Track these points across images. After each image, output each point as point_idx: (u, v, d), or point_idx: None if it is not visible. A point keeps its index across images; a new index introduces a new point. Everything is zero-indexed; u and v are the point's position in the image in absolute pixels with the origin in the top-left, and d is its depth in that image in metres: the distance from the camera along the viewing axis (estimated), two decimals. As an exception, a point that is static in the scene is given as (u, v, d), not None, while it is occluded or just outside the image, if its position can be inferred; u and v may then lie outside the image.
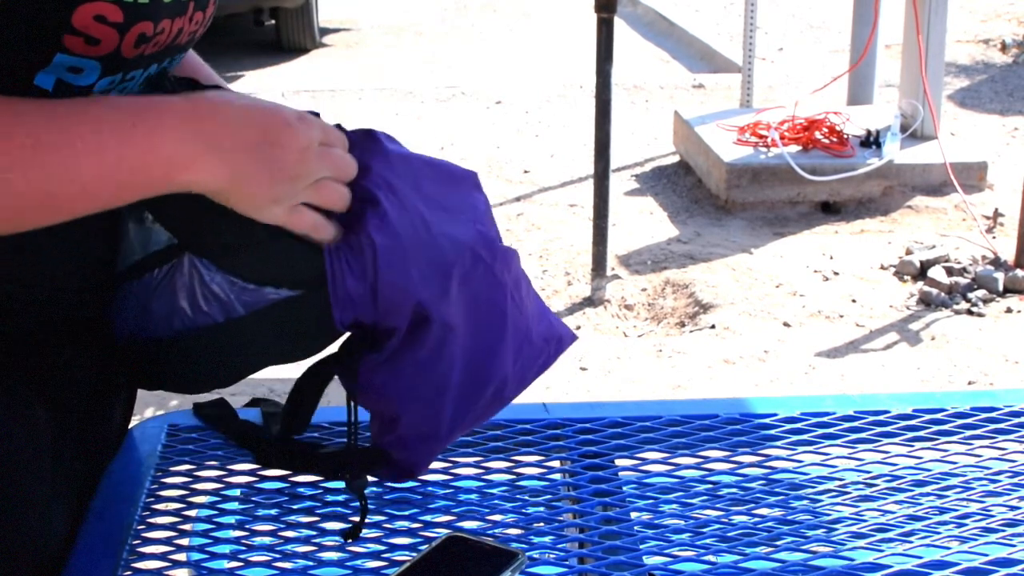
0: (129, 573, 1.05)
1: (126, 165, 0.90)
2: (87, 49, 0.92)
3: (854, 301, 4.18)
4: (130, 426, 1.30)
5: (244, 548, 1.09)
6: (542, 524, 1.13)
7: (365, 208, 0.99)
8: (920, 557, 1.07)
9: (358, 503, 1.11)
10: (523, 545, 1.08)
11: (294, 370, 1.11)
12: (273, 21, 8.36)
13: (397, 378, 1.04)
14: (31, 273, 1.04)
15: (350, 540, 1.08)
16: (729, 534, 1.11)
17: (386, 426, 1.08)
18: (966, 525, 1.12)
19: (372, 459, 1.11)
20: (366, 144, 1.03)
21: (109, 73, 0.95)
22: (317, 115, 1.01)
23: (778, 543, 1.09)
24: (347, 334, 1.04)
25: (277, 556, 1.07)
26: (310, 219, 0.97)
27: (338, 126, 1.04)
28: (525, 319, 1.09)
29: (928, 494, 1.18)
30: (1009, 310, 4.07)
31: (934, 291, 4.14)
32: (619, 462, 1.25)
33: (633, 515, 1.15)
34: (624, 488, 1.20)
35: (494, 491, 1.18)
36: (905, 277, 4.33)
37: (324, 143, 0.97)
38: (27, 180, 0.86)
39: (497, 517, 1.14)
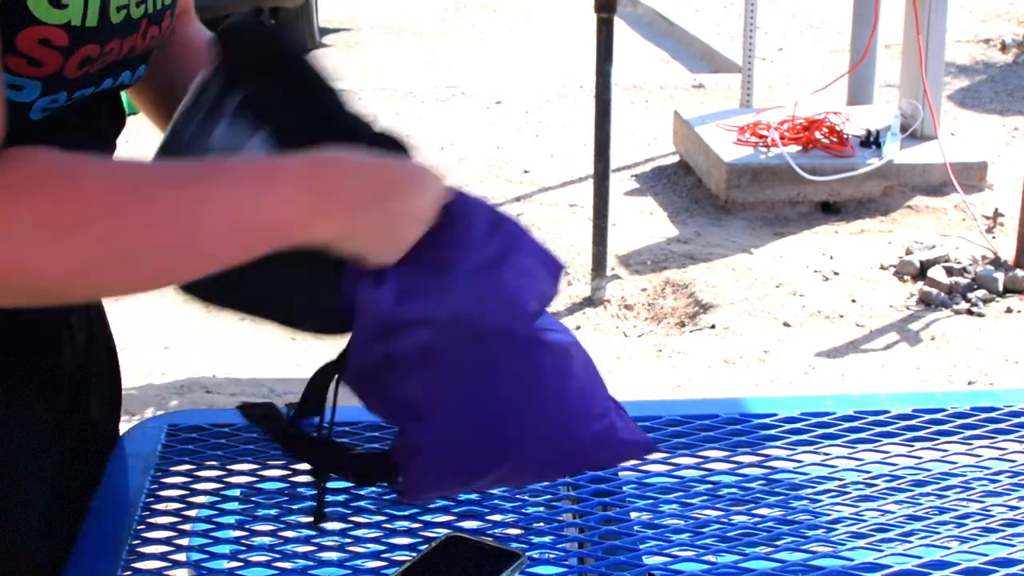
0: (129, 573, 1.05)
1: (250, 230, 0.87)
2: (29, 70, 0.90)
3: (854, 301, 4.18)
4: (129, 426, 1.30)
5: (244, 548, 1.09)
6: (542, 524, 1.13)
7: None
8: (920, 557, 1.07)
9: (359, 502, 1.11)
10: (523, 545, 1.09)
11: (295, 370, 1.11)
12: (273, 21, 8.35)
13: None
14: None
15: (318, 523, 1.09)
16: (729, 534, 1.11)
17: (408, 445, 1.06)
18: (966, 525, 1.12)
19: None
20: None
21: (50, 92, 0.93)
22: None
23: (778, 543, 1.09)
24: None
25: (277, 556, 1.07)
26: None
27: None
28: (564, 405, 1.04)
29: (928, 494, 1.18)
30: (1009, 310, 4.07)
31: (934, 291, 4.14)
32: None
33: (633, 515, 1.15)
34: (624, 488, 1.20)
35: (494, 491, 1.18)
36: (905, 277, 4.33)
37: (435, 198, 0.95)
38: (148, 260, 0.85)
39: (497, 517, 1.14)
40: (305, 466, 1.23)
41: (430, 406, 1.00)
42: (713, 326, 3.99)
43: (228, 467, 1.23)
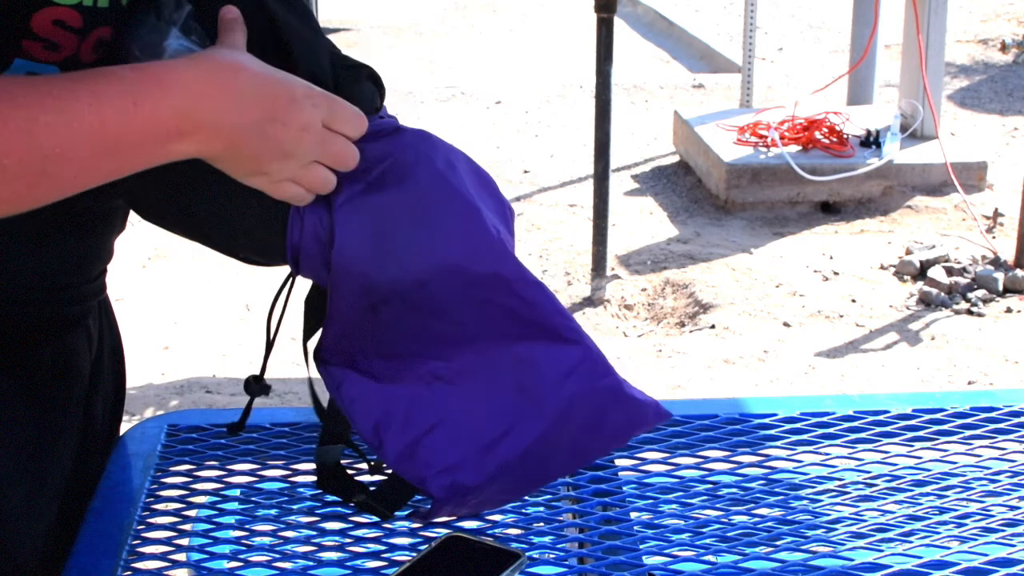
0: (129, 573, 1.05)
1: (125, 142, 0.87)
2: (46, 55, 0.91)
3: (854, 301, 4.18)
4: (129, 426, 1.30)
5: (244, 548, 1.09)
6: (542, 524, 1.13)
7: (342, 182, 0.97)
8: (920, 557, 1.07)
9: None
10: (523, 545, 1.08)
11: (294, 370, 1.11)
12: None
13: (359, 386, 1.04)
14: (23, 270, 1.04)
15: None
16: (729, 534, 1.11)
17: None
18: (966, 525, 1.12)
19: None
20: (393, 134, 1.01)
21: None
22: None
23: (778, 543, 1.09)
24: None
25: (277, 556, 1.07)
26: (291, 191, 0.95)
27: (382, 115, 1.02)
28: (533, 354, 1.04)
29: (928, 494, 1.18)
30: (1009, 310, 4.07)
31: (934, 291, 4.14)
32: (619, 462, 1.25)
33: (633, 515, 1.15)
34: (624, 488, 1.20)
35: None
36: (905, 277, 4.33)
37: (329, 125, 0.94)
38: (23, 164, 0.83)
39: (497, 517, 1.14)
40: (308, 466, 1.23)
41: (433, 361, 1.01)
42: (713, 326, 3.99)
43: (228, 467, 1.23)
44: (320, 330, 1.04)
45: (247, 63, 0.91)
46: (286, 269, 1.03)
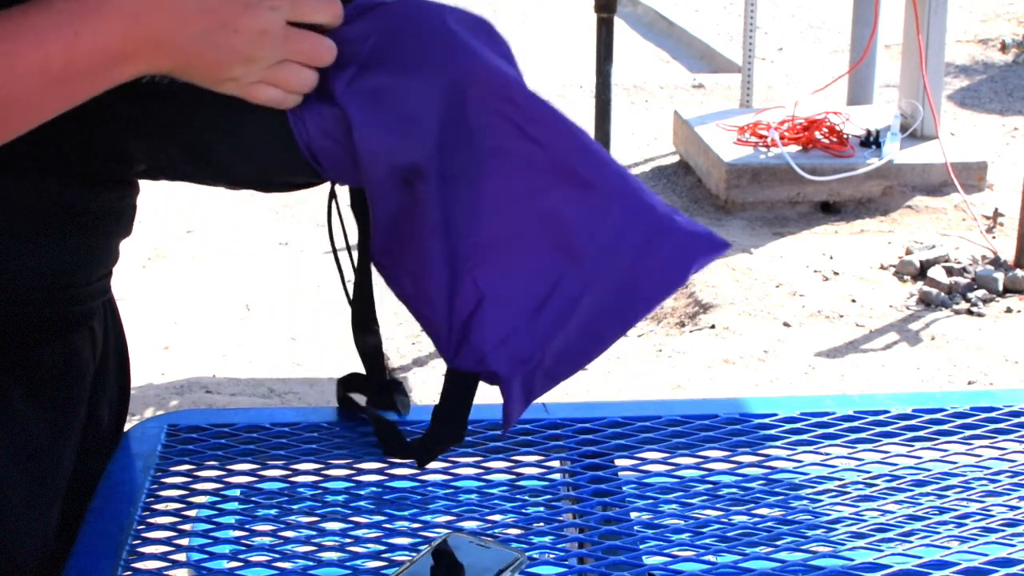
0: (129, 573, 1.05)
1: (72, 73, 0.86)
2: None
3: (854, 301, 4.18)
4: (129, 426, 1.30)
5: (244, 548, 1.09)
6: (542, 524, 1.13)
7: (336, 72, 0.95)
8: (920, 557, 1.07)
9: (359, 502, 1.11)
10: (523, 545, 1.08)
11: (294, 370, 1.11)
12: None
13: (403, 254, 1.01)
14: (22, 270, 1.04)
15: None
16: (729, 534, 1.11)
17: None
18: (966, 525, 1.12)
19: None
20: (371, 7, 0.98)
21: None
22: None
23: (778, 543, 1.09)
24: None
25: (277, 556, 1.07)
26: (268, 94, 0.93)
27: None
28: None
29: (928, 494, 1.18)
30: (1009, 310, 4.07)
31: (934, 291, 4.14)
32: (619, 462, 1.25)
33: (633, 515, 1.15)
34: (624, 488, 1.20)
35: (494, 491, 1.18)
36: (905, 277, 4.33)
37: (297, 20, 0.91)
38: None
39: (497, 517, 1.14)
40: (305, 466, 1.23)
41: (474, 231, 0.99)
42: (713, 326, 3.99)
43: (228, 467, 1.23)
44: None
45: None
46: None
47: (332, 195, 1.07)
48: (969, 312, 4.05)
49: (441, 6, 1.00)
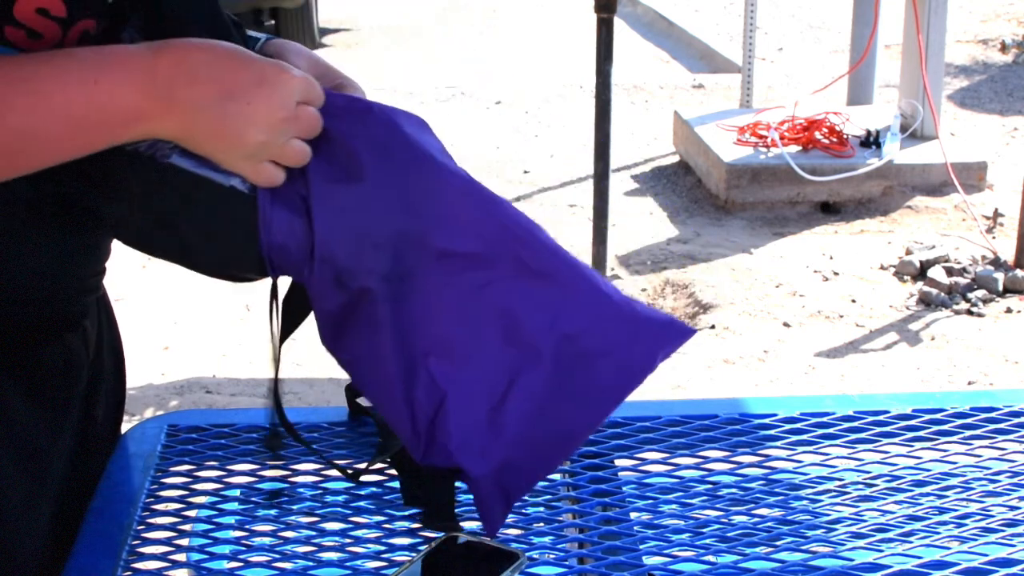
0: (129, 573, 1.05)
1: (89, 121, 0.89)
2: (29, 43, 0.91)
3: (854, 301, 4.18)
4: (128, 426, 1.30)
5: (244, 548, 1.09)
6: (542, 524, 1.13)
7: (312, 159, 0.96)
8: (920, 557, 1.07)
9: (359, 503, 1.11)
10: (523, 545, 1.08)
11: (294, 371, 1.11)
12: (273, 21, 8.35)
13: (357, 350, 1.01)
14: (22, 270, 1.04)
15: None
16: (729, 534, 1.11)
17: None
18: (966, 525, 1.12)
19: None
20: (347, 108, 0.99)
21: None
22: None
23: (778, 543, 1.09)
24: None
25: (277, 556, 1.07)
26: (271, 174, 0.94)
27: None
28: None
29: (928, 494, 1.18)
30: (1009, 310, 4.07)
31: (934, 291, 4.14)
32: (619, 462, 1.25)
33: (633, 515, 1.15)
34: (624, 488, 1.20)
35: (494, 491, 1.18)
36: (905, 277, 4.33)
37: (304, 101, 0.94)
38: None
39: (497, 517, 1.14)
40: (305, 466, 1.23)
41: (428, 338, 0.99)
42: (713, 326, 3.99)
43: (228, 467, 1.23)
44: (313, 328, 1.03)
45: (203, 43, 0.92)
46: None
47: (273, 292, 1.06)
48: (969, 312, 4.05)
49: (394, 110, 1.02)
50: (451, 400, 1.00)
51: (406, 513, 1.14)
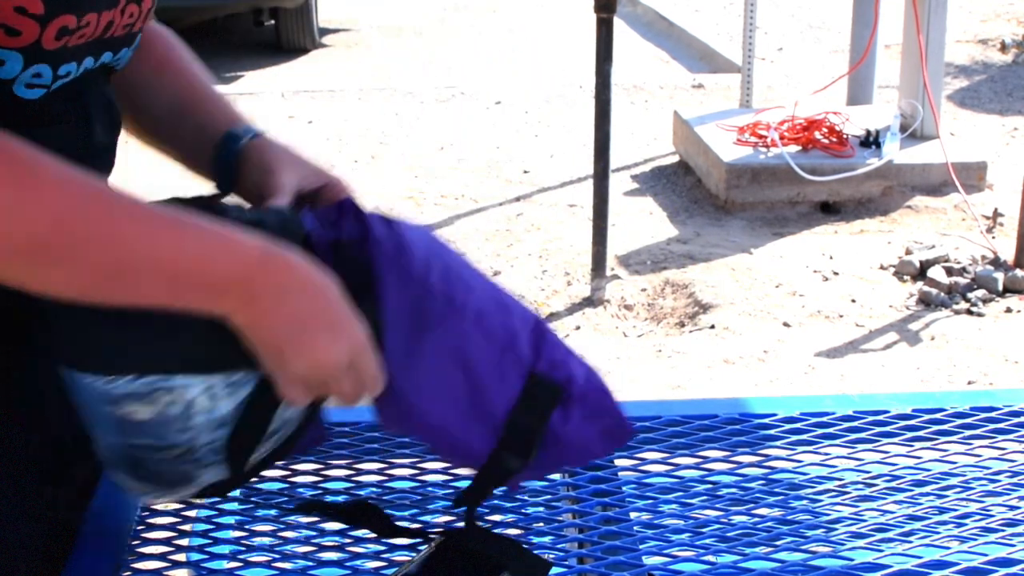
0: (129, 573, 1.05)
1: (183, 281, 0.89)
2: (6, 40, 0.91)
3: (854, 301, 4.18)
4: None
5: (244, 548, 1.09)
6: (542, 524, 1.13)
7: None
8: (920, 557, 1.07)
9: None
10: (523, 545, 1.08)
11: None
12: (273, 21, 8.35)
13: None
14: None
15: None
16: (729, 534, 1.11)
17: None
18: (966, 525, 1.12)
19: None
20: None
21: (32, 63, 0.93)
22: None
23: (778, 543, 1.09)
24: None
25: (277, 556, 1.07)
26: (295, 396, 0.96)
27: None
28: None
29: (928, 494, 1.18)
30: (1009, 310, 4.07)
31: (934, 291, 4.14)
32: (619, 462, 1.25)
33: (633, 515, 1.15)
34: (624, 488, 1.20)
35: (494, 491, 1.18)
36: (905, 277, 4.33)
37: (354, 365, 0.95)
38: (101, 267, 0.87)
39: (497, 517, 1.14)
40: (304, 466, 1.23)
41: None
42: (713, 326, 3.99)
43: (228, 467, 1.23)
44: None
45: (302, 268, 0.93)
46: None
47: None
48: (969, 312, 4.05)
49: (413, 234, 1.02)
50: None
51: (406, 513, 1.14)
